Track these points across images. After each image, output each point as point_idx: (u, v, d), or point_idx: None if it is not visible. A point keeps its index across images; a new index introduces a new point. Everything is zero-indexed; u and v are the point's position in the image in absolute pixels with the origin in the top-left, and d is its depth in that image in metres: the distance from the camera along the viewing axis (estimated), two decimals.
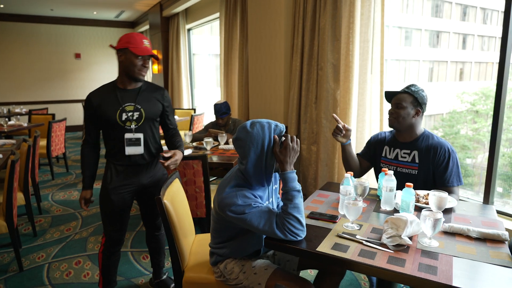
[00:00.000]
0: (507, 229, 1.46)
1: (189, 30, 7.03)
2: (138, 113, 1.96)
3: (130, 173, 2.02)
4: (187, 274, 1.76)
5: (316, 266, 1.74)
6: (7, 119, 5.44)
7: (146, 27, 8.67)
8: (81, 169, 2.01)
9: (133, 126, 1.95)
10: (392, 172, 1.69)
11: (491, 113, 2.33)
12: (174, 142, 2.18)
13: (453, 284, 1.12)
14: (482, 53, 17.89)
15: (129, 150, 1.96)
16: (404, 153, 2.00)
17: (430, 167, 1.93)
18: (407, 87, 1.98)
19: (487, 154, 2.42)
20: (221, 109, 3.52)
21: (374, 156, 2.16)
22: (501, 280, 1.15)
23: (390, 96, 2.05)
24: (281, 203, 1.51)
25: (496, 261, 1.26)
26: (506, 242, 1.39)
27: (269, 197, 1.61)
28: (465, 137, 14.33)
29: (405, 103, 1.93)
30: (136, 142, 1.97)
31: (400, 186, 1.75)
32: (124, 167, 2.00)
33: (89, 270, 2.59)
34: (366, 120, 2.93)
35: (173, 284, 2.32)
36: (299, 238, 1.41)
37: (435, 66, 17.56)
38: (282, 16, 3.49)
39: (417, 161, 1.96)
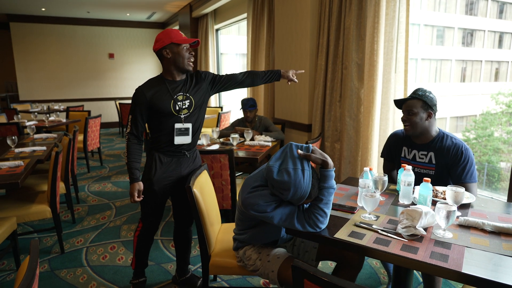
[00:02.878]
0: None
1: (217, 30, 7.21)
2: (188, 101, 2.07)
3: (173, 164, 2.12)
4: (213, 258, 1.89)
5: (333, 258, 1.81)
6: (48, 115, 5.82)
7: (176, 27, 8.94)
8: (128, 160, 2.04)
9: (185, 114, 2.05)
10: (410, 167, 1.75)
11: None
12: (259, 73, 2.29)
13: (462, 271, 1.19)
14: None
15: (178, 140, 2.06)
16: (421, 154, 2.06)
17: (445, 166, 1.99)
18: (414, 93, 2.02)
19: None
20: (248, 102, 3.67)
21: (394, 155, 2.23)
22: (509, 268, 1.21)
23: (399, 103, 2.11)
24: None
25: (508, 253, 1.31)
26: None
27: None
28: (499, 140, 13.80)
29: (415, 108, 1.98)
30: (185, 132, 2.07)
31: (417, 185, 1.81)
32: (170, 158, 2.10)
33: (123, 254, 2.78)
34: (390, 119, 2.97)
35: (200, 282, 2.37)
36: (318, 230, 1.50)
37: (468, 65, 16.95)
38: (308, 16, 3.57)
39: (433, 162, 2.02)
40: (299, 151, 1.47)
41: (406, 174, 1.73)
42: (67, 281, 2.44)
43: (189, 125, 2.08)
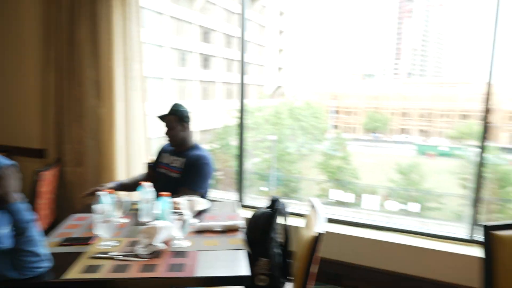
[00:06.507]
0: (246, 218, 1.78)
1: None
2: None
3: None
4: None
5: None
6: None
7: None
8: None
9: None
10: (148, 184, 1.76)
11: (255, 126, 2.92)
12: None
13: (196, 275, 1.27)
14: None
15: None
16: (175, 159, 2.28)
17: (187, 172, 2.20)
18: (170, 109, 2.28)
19: (253, 160, 2.96)
20: None
21: (157, 162, 2.43)
22: (233, 260, 1.40)
23: (161, 119, 2.29)
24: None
25: (232, 247, 1.51)
26: (242, 230, 1.70)
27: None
28: (235, 147, 16.70)
29: (172, 123, 2.23)
30: None
31: (168, 188, 1.77)
32: None
33: None
34: (135, 138, 2.95)
35: None
36: (45, 270, 1.26)
37: (208, 86, 19.63)
38: (30, 26, 3.10)
39: (182, 167, 2.22)
40: None
41: (143, 192, 1.73)
42: None
43: None
